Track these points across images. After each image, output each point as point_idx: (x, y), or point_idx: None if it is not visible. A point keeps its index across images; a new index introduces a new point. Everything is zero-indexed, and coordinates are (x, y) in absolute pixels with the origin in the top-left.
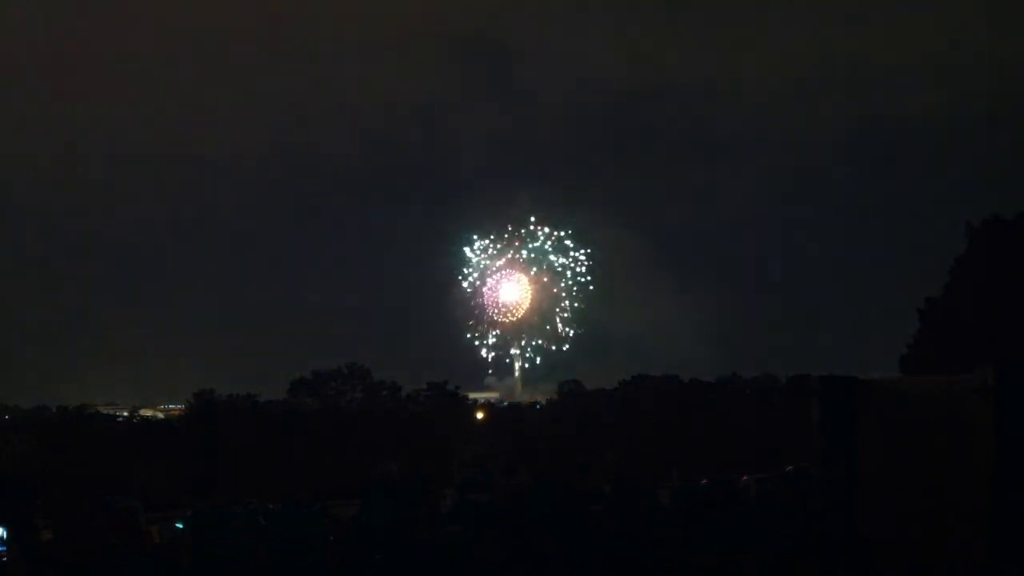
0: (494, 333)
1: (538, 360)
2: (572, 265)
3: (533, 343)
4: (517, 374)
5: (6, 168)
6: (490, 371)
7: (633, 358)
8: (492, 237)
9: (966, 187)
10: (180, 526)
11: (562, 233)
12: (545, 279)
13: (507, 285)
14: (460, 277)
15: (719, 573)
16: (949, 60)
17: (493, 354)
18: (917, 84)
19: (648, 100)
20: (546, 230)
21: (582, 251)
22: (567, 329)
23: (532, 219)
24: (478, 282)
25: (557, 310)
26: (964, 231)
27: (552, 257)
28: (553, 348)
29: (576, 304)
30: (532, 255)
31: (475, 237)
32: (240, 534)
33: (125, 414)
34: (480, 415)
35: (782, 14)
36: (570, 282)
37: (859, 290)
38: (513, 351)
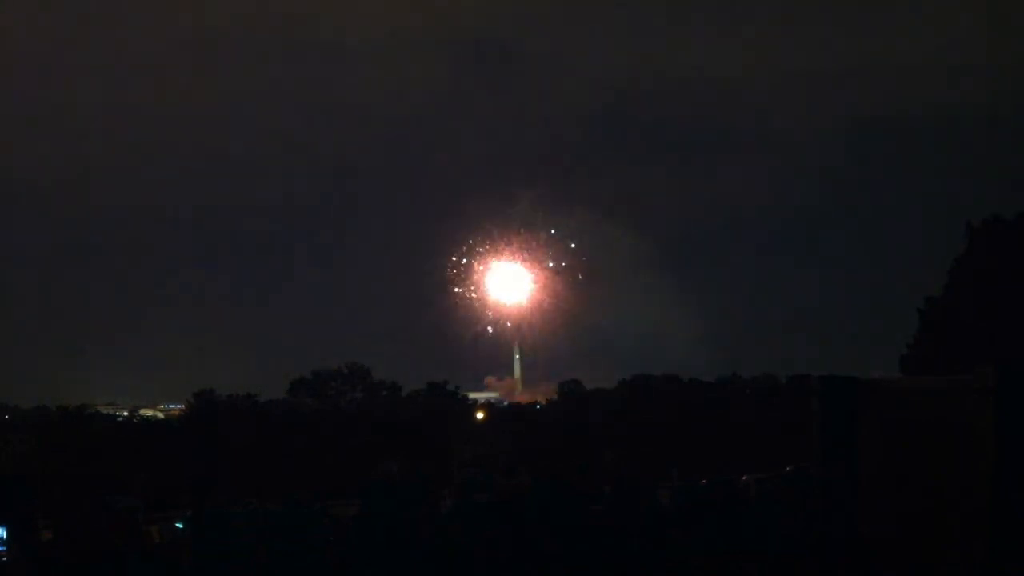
0: (494, 333)
1: (538, 360)
2: (572, 265)
3: (533, 343)
4: (517, 374)
5: (6, 168)
6: (489, 371)
7: (633, 358)
8: (493, 237)
9: (966, 187)
10: (180, 526)
11: (563, 233)
12: (545, 279)
13: (507, 285)
14: (460, 277)
15: (719, 573)
16: (949, 60)
17: (493, 354)
18: (917, 84)
19: (648, 100)
20: (551, 232)
21: (583, 251)
22: (567, 330)
23: (532, 219)
24: (478, 282)
25: (557, 311)
26: (964, 231)
27: (552, 261)
28: (553, 348)
29: (577, 304)
30: (532, 255)
31: (475, 237)
32: (240, 534)
33: (125, 414)
34: (480, 415)
35: (782, 14)
36: (571, 282)
37: (860, 290)
38: (513, 351)
